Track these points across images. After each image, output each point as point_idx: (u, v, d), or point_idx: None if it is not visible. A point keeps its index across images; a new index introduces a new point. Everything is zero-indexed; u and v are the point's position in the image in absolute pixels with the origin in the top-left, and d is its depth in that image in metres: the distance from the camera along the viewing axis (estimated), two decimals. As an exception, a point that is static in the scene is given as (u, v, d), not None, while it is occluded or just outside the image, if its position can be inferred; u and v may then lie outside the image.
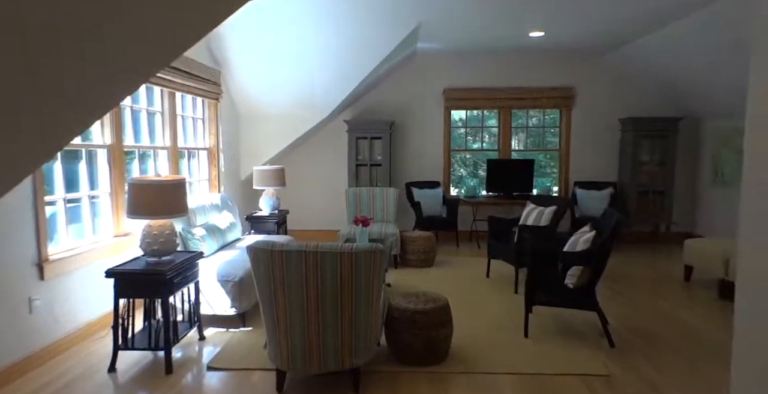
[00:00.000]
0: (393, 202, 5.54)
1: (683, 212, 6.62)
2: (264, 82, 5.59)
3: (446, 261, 5.41)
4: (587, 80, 6.59)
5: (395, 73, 6.65)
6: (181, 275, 2.88)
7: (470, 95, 6.58)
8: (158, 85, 4.12)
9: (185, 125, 4.97)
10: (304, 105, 5.94)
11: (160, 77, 4.08)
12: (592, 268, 3.06)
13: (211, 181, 5.34)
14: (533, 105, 6.63)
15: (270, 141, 6.16)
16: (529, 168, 6.48)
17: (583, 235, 3.22)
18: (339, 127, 6.62)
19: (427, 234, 5.19)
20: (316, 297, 2.28)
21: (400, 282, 4.57)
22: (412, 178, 6.70)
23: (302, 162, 6.86)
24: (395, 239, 5.01)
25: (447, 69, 6.64)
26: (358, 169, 6.46)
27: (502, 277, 4.70)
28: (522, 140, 7.17)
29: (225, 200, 4.61)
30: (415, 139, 6.77)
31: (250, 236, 4.61)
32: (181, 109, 4.79)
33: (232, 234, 4.24)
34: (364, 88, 6.26)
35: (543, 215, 4.30)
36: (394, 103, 6.72)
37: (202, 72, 4.81)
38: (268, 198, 5.05)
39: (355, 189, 5.64)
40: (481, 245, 6.28)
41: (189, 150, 4.98)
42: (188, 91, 4.65)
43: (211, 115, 5.30)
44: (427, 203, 6.25)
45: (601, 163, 6.70)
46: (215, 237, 3.89)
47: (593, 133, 6.66)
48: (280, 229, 5.15)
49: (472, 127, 7.21)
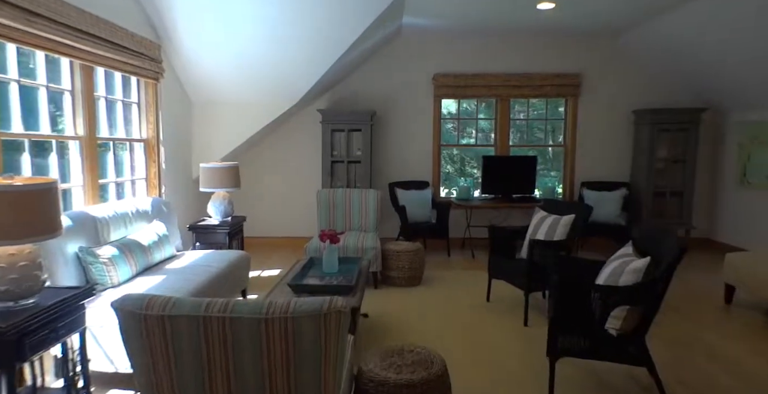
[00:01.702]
0: (374, 207, 4.63)
1: (703, 215, 5.84)
2: (218, 62, 4.61)
3: (436, 277, 4.52)
4: (597, 65, 5.74)
5: (377, 55, 5.72)
6: (48, 328, 1.93)
7: (463, 82, 5.68)
8: (65, 55, 3.13)
9: (113, 110, 3.98)
10: (268, 90, 4.97)
11: (68, 45, 3.09)
12: (643, 309, 2.19)
13: (149, 181, 4.36)
14: (535, 94, 5.76)
15: (228, 133, 5.19)
16: (530, 166, 5.62)
17: (627, 261, 2.34)
18: (312, 117, 5.68)
19: (414, 247, 4.29)
20: (225, 377, 1.35)
21: (379, 309, 3.67)
22: (397, 178, 5.79)
23: (268, 158, 5.90)
24: (375, 252, 4.10)
25: (437, 51, 5.73)
26: (334, 166, 5.53)
27: (507, 301, 3.82)
28: (522, 135, 6.31)
29: (158, 205, 3.64)
30: (400, 132, 5.86)
31: (192, 252, 3.65)
32: (105, 89, 3.79)
33: (162, 251, 3.27)
34: (340, 72, 5.32)
35: (558, 226, 3.43)
36: (375, 91, 5.79)
37: (133, 44, 3.81)
38: (218, 203, 4.09)
39: (328, 191, 4.70)
40: (477, 254, 5.41)
41: (117, 142, 3.98)
42: (113, 67, 3.65)
43: (148, 99, 4.30)
44: (414, 206, 5.35)
45: (612, 160, 5.87)
46: (133, 258, 2.93)
47: (603, 126, 5.82)
48: (234, 240, 4.20)
49: (465, 118, 6.33)
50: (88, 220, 2.89)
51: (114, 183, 3.89)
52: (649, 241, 2.44)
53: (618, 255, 2.47)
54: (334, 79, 5.53)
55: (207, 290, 2.94)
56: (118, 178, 3.95)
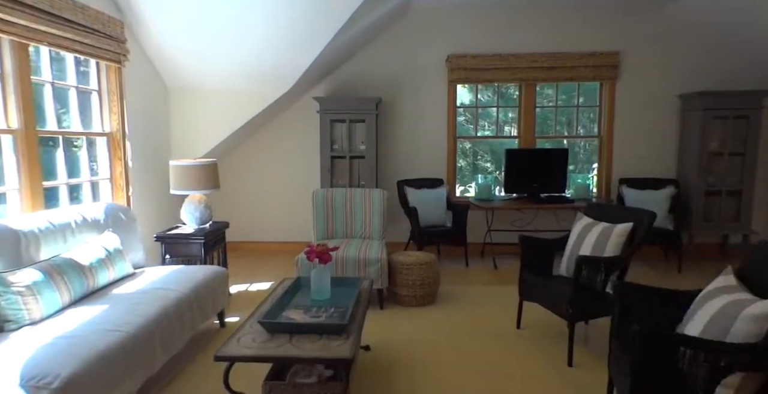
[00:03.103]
0: (379, 209, 3.94)
1: (765, 218, 5.04)
2: (196, 41, 3.94)
3: (453, 294, 3.82)
4: (639, 42, 4.94)
5: (383, 34, 5.00)
6: None
7: (482, 64, 4.93)
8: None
9: (64, 99, 3.33)
10: (256, 75, 4.29)
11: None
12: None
13: (114, 182, 3.71)
14: (566, 77, 4.98)
15: (212, 125, 4.53)
16: (560, 161, 4.86)
17: (738, 301, 1.61)
18: (309, 106, 4.99)
19: (427, 258, 3.59)
20: None
21: (384, 337, 2.99)
22: (407, 175, 5.08)
23: (261, 154, 5.23)
24: (380, 266, 3.41)
25: (452, 28, 4.98)
26: (335, 162, 4.84)
27: (543, 330, 3.11)
28: (547, 125, 5.54)
29: (113, 212, 2.98)
30: (409, 122, 5.14)
31: (155, 269, 2.99)
32: (50, 73, 3.14)
33: (111, 271, 2.62)
34: (340, 54, 4.61)
35: (610, 237, 2.70)
36: (381, 75, 5.07)
37: (85, 18, 3.15)
38: (193, 207, 3.42)
39: (325, 192, 4.02)
40: (499, 263, 4.69)
41: (69, 136, 3.34)
42: (58, 45, 3.00)
43: (111, 85, 3.65)
44: (427, 208, 4.65)
45: (655, 153, 5.08)
46: (65, 282, 2.28)
47: (646, 113, 5.04)
48: (213, 251, 3.54)
49: (484, 107, 5.59)
50: (7, 234, 2.25)
51: (66, 185, 3.25)
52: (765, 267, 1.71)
53: (717, 288, 1.74)
54: (334, 62, 4.83)
55: (162, 322, 2.28)
56: (71, 179, 3.31)
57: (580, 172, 5.87)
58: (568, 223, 5.02)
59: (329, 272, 2.40)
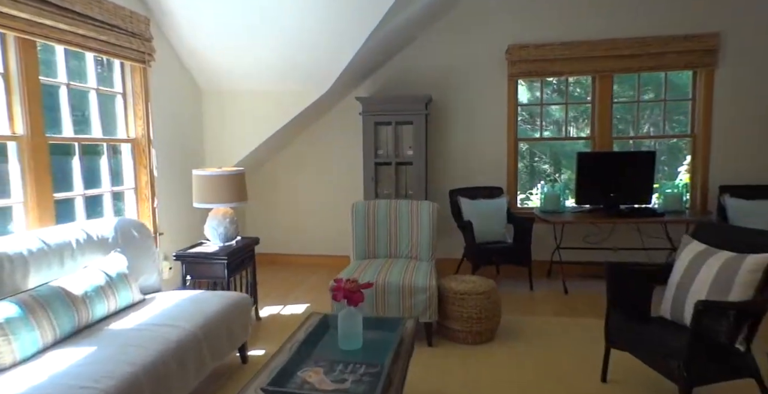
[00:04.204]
0: (428, 224, 3.39)
1: None
2: (230, 38, 3.59)
3: (516, 327, 3.19)
4: (744, 20, 4.09)
5: (433, 26, 4.46)
6: None
7: (550, 54, 4.26)
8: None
9: (86, 102, 3.06)
10: (293, 74, 3.90)
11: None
12: None
13: (138, 192, 3.42)
14: (650, 66, 4.20)
15: (246, 130, 4.17)
16: (645, 165, 4.09)
17: None
18: (352, 109, 4.54)
19: (485, 286, 2.99)
20: None
21: (431, 383, 2.43)
22: (460, 184, 4.50)
23: (299, 161, 4.84)
24: (429, 295, 2.85)
25: (512, 15, 4.36)
26: (379, 170, 4.35)
27: (637, 387, 2.43)
28: (631, 122, 4.76)
29: (125, 228, 2.63)
30: (463, 123, 4.56)
31: (166, 295, 2.60)
32: (65, 73, 2.86)
33: (111, 300, 2.24)
34: (384, 48, 4.12)
35: (737, 272, 2.00)
36: (431, 72, 4.52)
37: (101, 12, 2.86)
38: (216, 222, 3.04)
39: (366, 204, 3.52)
40: (570, 287, 3.99)
41: (86, 142, 3.06)
42: (71, 43, 2.71)
43: (135, 87, 3.35)
44: (484, 221, 4.04)
45: (765, 154, 4.19)
46: (49, 318, 1.91)
47: (752, 106, 4.16)
48: (240, 270, 3.13)
49: (549, 104, 4.89)
50: (-14, 260, 1.92)
51: (82, 197, 2.96)
52: None
53: None
54: (377, 60, 4.34)
55: (156, 372, 1.85)
56: (88, 190, 3.02)
57: (662, 179, 5.01)
58: (655, 240, 4.23)
59: (361, 315, 1.88)
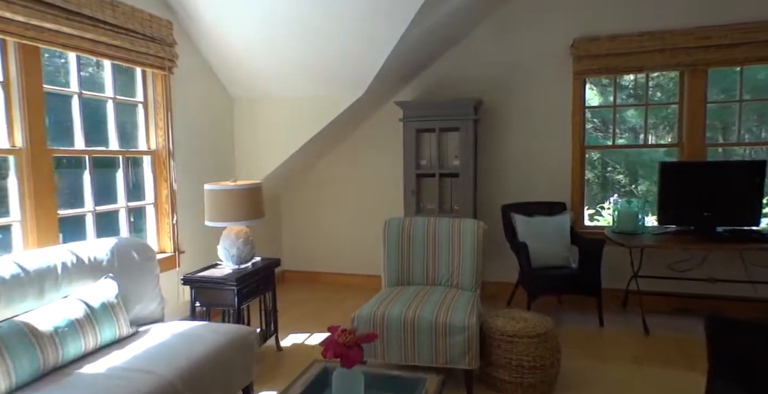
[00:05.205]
0: (472, 248, 2.87)
1: None
2: (264, 44, 3.31)
3: (582, 376, 2.57)
4: None
5: (483, 22, 3.95)
6: None
7: (623, 47, 3.60)
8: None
9: (101, 112, 2.87)
10: (326, 79, 3.56)
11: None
12: None
13: (158, 207, 3.19)
14: (757, 56, 3.42)
15: (278, 139, 3.87)
16: (749, 179, 3.31)
17: None
18: (393, 116, 4.12)
19: (541, 327, 2.41)
20: None
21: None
22: (514, 198, 3.92)
23: (335, 173, 4.48)
24: (469, 336, 2.33)
25: (577, 3, 3.76)
26: (421, 181, 3.89)
27: None
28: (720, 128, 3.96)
29: (122, 250, 2.35)
30: (518, 128, 3.99)
31: (162, 327, 2.27)
32: (77, 81, 2.68)
33: (90, 337, 1.94)
34: (424, 48, 3.67)
35: None
36: (482, 72, 4.01)
37: (114, 15, 2.66)
38: (228, 243, 2.71)
39: (401, 222, 3.07)
40: (652, 325, 3.27)
41: (97, 155, 2.86)
42: (77, 47, 2.52)
43: (156, 96, 3.14)
44: (542, 242, 3.44)
45: None
46: (6, 361, 1.62)
47: None
48: (253, 297, 2.77)
49: (623, 105, 4.19)
50: (-57, 290, 1.68)
51: (91, 214, 2.75)
52: None
53: None
54: (420, 61, 3.89)
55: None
56: (100, 206, 2.81)
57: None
58: (764, 271, 3.41)
59: (362, 375, 1.42)
